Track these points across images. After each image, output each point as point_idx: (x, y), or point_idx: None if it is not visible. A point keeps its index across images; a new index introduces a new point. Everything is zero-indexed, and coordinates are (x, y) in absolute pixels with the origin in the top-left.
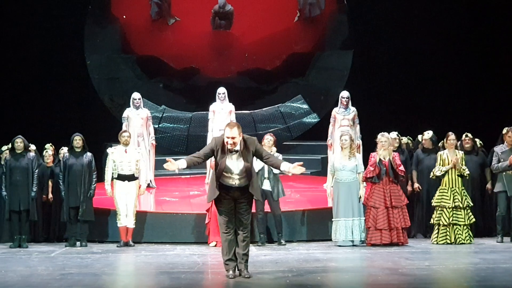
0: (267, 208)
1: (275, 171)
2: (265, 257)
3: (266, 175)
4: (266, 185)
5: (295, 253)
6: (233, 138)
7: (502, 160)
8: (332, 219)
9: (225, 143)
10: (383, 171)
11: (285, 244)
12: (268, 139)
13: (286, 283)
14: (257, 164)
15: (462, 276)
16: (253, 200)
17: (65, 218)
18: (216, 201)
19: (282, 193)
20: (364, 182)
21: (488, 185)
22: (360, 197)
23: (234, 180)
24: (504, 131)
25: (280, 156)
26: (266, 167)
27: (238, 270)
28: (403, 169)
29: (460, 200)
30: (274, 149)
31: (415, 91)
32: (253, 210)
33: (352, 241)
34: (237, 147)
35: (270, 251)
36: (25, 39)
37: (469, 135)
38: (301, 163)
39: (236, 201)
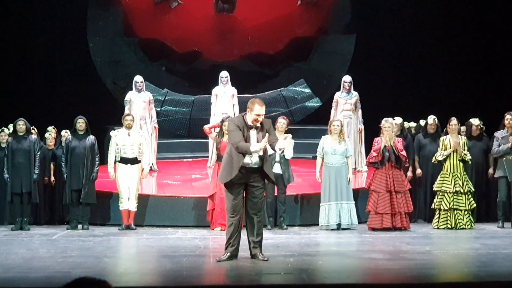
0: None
1: (287, 156)
2: (266, 241)
3: (277, 158)
4: (277, 169)
5: (297, 237)
6: (263, 115)
7: (502, 144)
8: (321, 204)
9: (252, 120)
10: (386, 157)
11: (286, 228)
12: (282, 123)
13: (288, 267)
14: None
15: (463, 261)
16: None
17: (67, 201)
18: (227, 184)
19: (292, 178)
20: (366, 167)
21: (490, 170)
22: (350, 180)
23: (251, 158)
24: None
25: (292, 141)
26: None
27: (251, 253)
28: (405, 154)
29: (461, 185)
30: (289, 135)
31: (418, 75)
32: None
33: (340, 225)
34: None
35: (272, 235)
36: (28, 23)
37: (478, 121)
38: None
39: (248, 184)
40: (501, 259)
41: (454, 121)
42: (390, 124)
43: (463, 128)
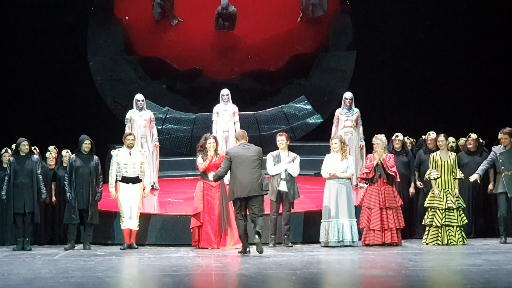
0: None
1: (293, 173)
2: (268, 259)
3: (283, 176)
4: (283, 186)
5: (299, 255)
6: None
7: (500, 161)
8: (322, 220)
9: None
10: (377, 174)
11: (291, 246)
12: (281, 140)
13: (290, 285)
14: (274, 168)
15: (466, 278)
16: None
17: (69, 221)
18: None
19: (297, 195)
20: (359, 183)
21: (490, 186)
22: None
23: None
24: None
25: (298, 158)
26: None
27: None
28: (395, 170)
29: (453, 201)
30: (295, 156)
31: (419, 92)
32: (268, 211)
33: (342, 242)
34: None
35: (274, 252)
36: (28, 41)
37: (473, 135)
38: None
39: None
40: (504, 275)
41: (441, 137)
42: (380, 141)
43: (461, 142)
